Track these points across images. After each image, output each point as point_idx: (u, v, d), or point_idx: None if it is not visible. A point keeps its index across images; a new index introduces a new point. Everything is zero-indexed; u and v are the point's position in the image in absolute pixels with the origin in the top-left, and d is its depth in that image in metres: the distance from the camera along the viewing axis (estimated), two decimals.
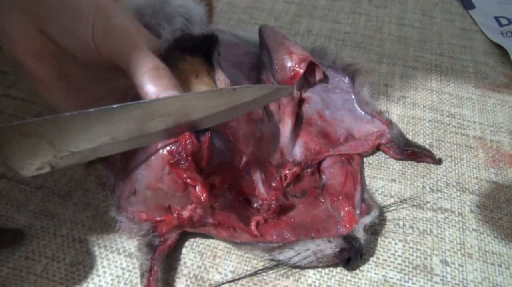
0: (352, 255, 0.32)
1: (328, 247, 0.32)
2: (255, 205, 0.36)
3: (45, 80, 0.34)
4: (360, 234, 0.33)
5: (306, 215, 0.36)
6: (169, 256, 0.34)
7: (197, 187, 0.31)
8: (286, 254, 0.32)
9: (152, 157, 0.31)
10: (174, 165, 0.30)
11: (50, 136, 0.25)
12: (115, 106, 0.26)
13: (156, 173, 0.31)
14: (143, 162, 0.32)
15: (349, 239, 0.32)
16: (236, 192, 0.35)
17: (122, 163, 0.34)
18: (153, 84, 0.29)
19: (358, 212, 0.36)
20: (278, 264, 0.33)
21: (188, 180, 0.31)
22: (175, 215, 0.33)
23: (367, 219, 0.34)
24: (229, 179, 0.34)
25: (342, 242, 0.32)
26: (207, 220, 0.33)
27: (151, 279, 0.31)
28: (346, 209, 0.36)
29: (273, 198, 0.36)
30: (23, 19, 0.32)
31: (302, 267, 0.33)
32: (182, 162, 0.30)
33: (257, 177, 0.36)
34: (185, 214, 0.32)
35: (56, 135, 0.25)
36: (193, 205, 0.32)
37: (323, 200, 0.37)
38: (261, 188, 0.36)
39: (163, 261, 0.33)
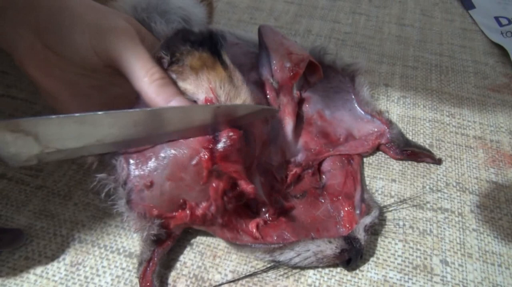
0: (352, 256, 0.32)
1: (328, 248, 0.32)
2: (253, 205, 0.36)
3: (51, 90, 0.35)
4: (361, 235, 0.33)
5: (306, 215, 0.36)
6: (169, 256, 0.34)
7: (242, 182, 0.32)
8: (287, 255, 0.32)
9: (182, 147, 0.31)
10: (223, 159, 0.31)
11: (36, 134, 0.27)
12: (99, 113, 0.28)
13: (182, 162, 0.31)
14: (169, 152, 0.32)
15: (350, 240, 0.32)
16: (238, 195, 0.35)
17: (141, 154, 0.33)
18: (161, 93, 0.31)
19: (358, 212, 0.36)
20: (278, 265, 0.33)
21: (234, 175, 0.31)
22: (187, 211, 0.32)
23: (368, 219, 0.34)
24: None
25: (342, 243, 0.32)
26: (217, 220, 0.33)
27: (148, 269, 0.31)
28: (346, 209, 0.36)
29: (272, 201, 0.36)
30: (28, 34, 0.33)
31: (303, 268, 0.33)
32: (232, 156, 0.31)
33: (256, 181, 0.36)
34: (199, 211, 0.32)
35: (42, 134, 0.27)
36: (208, 202, 0.32)
37: (323, 200, 0.37)
38: (259, 192, 0.36)
39: (163, 257, 0.33)
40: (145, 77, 0.31)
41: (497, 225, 0.37)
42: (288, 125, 0.41)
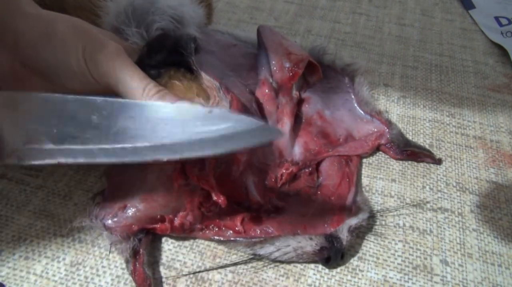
0: (332, 254, 0.32)
1: (308, 244, 0.32)
2: (246, 205, 0.36)
3: None
4: (343, 235, 0.33)
5: (295, 213, 0.36)
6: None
7: (213, 193, 0.32)
8: (267, 249, 0.33)
9: (152, 171, 0.32)
10: (194, 173, 0.31)
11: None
12: (66, 95, 0.29)
13: (151, 185, 0.32)
14: (138, 177, 0.33)
15: (331, 238, 0.32)
16: (226, 198, 0.35)
17: (113, 184, 0.34)
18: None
19: (347, 213, 0.36)
20: (259, 258, 0.33)
21: (206, 187, 0.32)
22: (167, 224, 0.33)
23: (353, 221, 0.34)
24: (224, 189, 0.34)
25: (323, 240, 0.32)
26: (195, 226, 0.34)
27: (136, 262, 0.32)
28: (337, 209, 0.36)
29: (266, 200, 0.36)
30: (4, 55, 0.33)
31: (283, 262, 0.34)
32: (204, 171, 0.31)
33: (249, 182, 0.36)
34: (177, 221, 0.33)
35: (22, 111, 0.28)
36: (184, 212, 0.33)
37: (314, 200, 0.37)
38: (253, 192, 0.36)
39: (148, 246, 0.33)
40: (142, 95, 0.32)
41: (497, 225, 0.37)
42: (286, 125, 0.41)
